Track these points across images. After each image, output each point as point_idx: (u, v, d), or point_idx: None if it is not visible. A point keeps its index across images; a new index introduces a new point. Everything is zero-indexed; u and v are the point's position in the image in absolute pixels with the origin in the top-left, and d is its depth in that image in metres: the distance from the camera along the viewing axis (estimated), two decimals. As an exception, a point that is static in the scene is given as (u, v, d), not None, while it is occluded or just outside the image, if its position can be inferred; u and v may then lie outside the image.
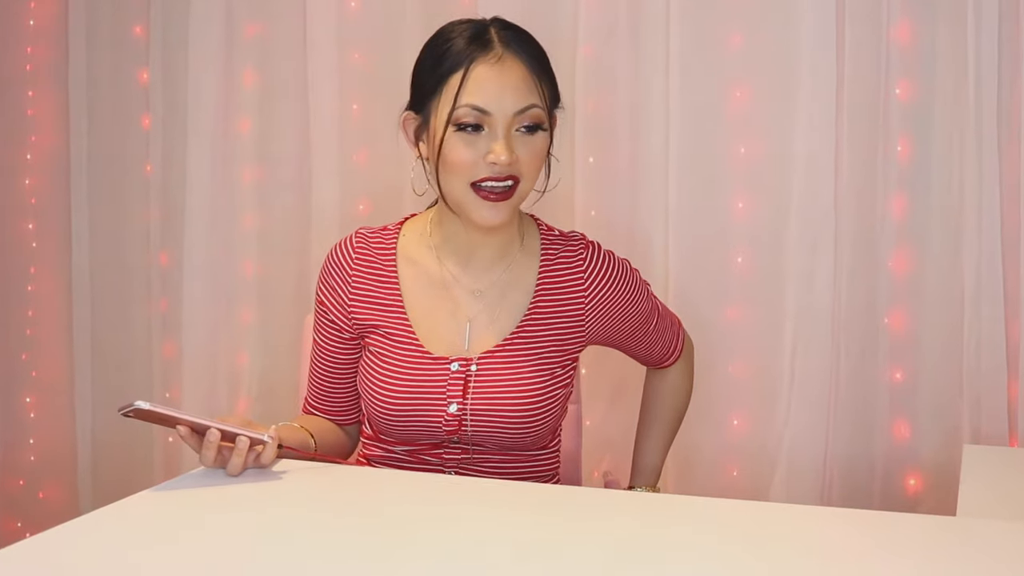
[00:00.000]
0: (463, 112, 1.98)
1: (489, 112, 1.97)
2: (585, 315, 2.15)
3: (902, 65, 2.68)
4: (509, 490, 1.89)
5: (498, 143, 1.97)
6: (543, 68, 2.04)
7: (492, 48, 2.00)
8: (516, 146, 1.99)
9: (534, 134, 2.01)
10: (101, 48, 3.37)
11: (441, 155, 2.01)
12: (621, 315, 2.18)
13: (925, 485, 2.75)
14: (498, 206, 2.00)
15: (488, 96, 1.98)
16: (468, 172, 1.99)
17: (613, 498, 1.93)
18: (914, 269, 2.72)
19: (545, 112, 2.02)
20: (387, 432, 2.13)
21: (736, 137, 2.81)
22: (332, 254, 2.20)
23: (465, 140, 1.99)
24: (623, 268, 2.19)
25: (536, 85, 2.01)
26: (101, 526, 1.65)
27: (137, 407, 1.78)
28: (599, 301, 2.15)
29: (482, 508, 1.76)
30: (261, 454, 1.88)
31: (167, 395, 3.36)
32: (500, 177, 1.98)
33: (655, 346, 2.31)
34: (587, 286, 2.15)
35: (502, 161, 1.96)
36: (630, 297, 2.19)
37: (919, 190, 2.70)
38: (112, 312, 3.45)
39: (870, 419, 2.77)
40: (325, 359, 2.22)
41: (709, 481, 2.87)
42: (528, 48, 2.03)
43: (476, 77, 1.98)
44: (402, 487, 1.91)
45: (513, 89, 1.99)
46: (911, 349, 2.74)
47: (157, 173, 3.32)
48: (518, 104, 1.99)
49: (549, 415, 2.10)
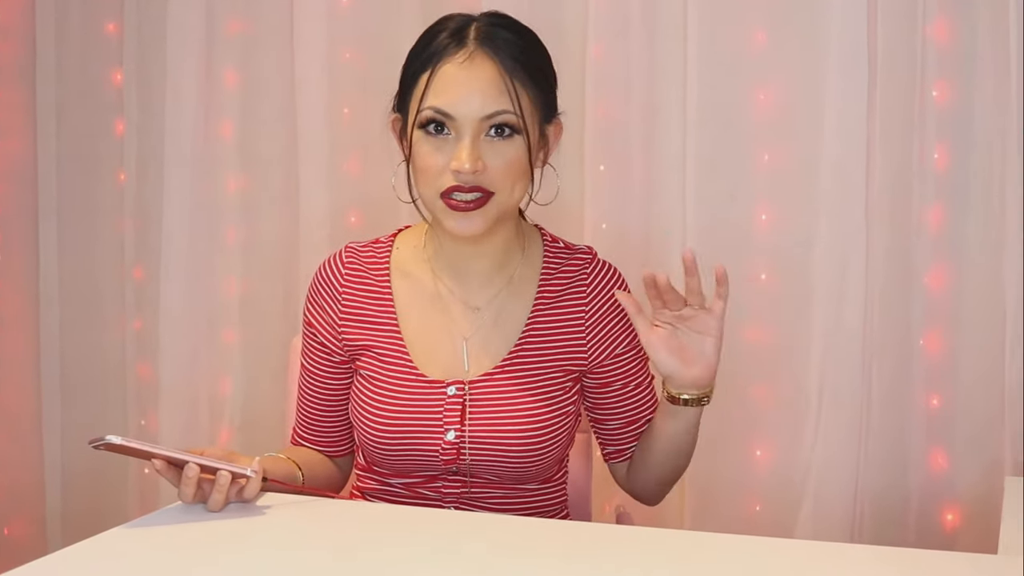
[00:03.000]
0: (427, 114, 1.98)
1: (453, 116, 1.97)
2: (586, 331, 2.14)
3: (939, 65, 2.69)
4: (514, 526, 1.89)
5: (462, 149, 1.96)
6: (523, 69, 2.01)
7: (464, 45, 2.00)
8: (485, 152, 1.97)
9: (508, 139, 1.99)
10: (71, 46, 3.38)
11: (412, 159, 2.03)
12: (620, 339, 2.16)
13: (964, 520, 2.75)
14: (469, 216, 1.99)
15: (451, 98, 1.97)
16: (435, 180, 1.99)
17: (626, 535, 1.93)
18: (952, 286, 2.73)
19: (519, 118, 1.99)
20: (381, 463, 2.14)
21: (759, 143, 2.82)
22: (320, 271, 2.21)
23: (431, 144, 1.99)
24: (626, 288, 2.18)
25: (509, 88, 1.98)
26: (71, 565, 1.65)
27: (109, 441, 1.78)
28: (600, 317, 2.15)
29: (484, 546, 1.76)
30: (244, 488, 1.88)
31: (142, 423, 3.36)
32: (465, 188, 1.97)
33: (642, 414, 2.21)
34: (589, 300, 2.15)
35: (465, 168, 1.94)
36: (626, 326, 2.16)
37: (957, 200, 2.71)
38: (82, 333, 3.45)
39: (904, 449, 2.77)
40: (314, 385, 2.22)
41: (730, 516, 2.88)
42: (507, 47, 2.00)
43: (441, 77, 1.98)
44: (398, 523, 1.91)
45: (480, 92, 1.97)
46: (949, 373, 2.74)
47: (132, 181, 3.33)
48: (485, 109, 1.97)
49: (554, 443, 2.10)
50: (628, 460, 2.24)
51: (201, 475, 1.85)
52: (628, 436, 2.22)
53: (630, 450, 2.23)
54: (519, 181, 2.02)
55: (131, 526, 1.80)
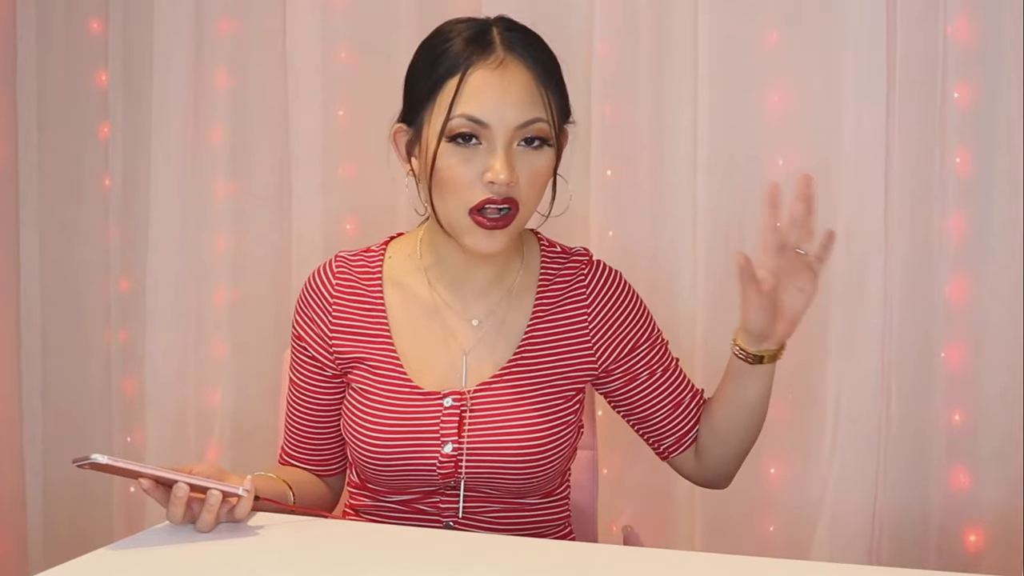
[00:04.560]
0: (458, 123, 1.97)
1: (487, 124, 1.96)
2: (591, 335, 2.15)
3: (961, 66, 2.69)
4: (516, 546, 1.89)
5: (496, 159, 1.96)
6: (551, 77, 2.03)
7: (493, 51, 2.00)
8: (516, 163, 1.98)
9: (538, 149, 2.00)
10: (53, 44, 3.40)
11: (434, 172, 2.00)
12: (630, 336, 2.17)
13: (987, 541, 2.75)
14: (495, 235, 1.99)
15: (486, 106, 1.97)
16: (465, 194, 1.98)
17: (635, 557, 1.93)
18: (974, 297, 2.73)
19: (551, 127, 2.00)
20: (375, 479, 2.13)
21: (773, 147, 2.82)
22: (310, 282, 2.21)
23: (460, 155, 1.98)
24: (628, 287, 2.19)
25: (542, 96, 2.00)
26: (55, 589, 1.65)
27: (94, 460, 1.78)
28: (603, 317, 2.15)
29: (485, 567, 1.77)
30: (235, 508, 1.88)
31: (128, 439, 3.36)
32: (498, 200, 1.97)
33: (684, 400, 2.21)
34: (590, 301, 2.15)
35: (501, 180, 1.94)
36: (637, 315, 2.18)
37: (980, 208, 2.71)
38: (65, 345, 3.46)
39: (925, 466, 2.77)
40: (304, 401, 2.22)
41: (742, 537, 2.88)
42: (535, 53, 2.02)
43: (474, 83, 1.97)
44: (394, 542, 1.91)
45: (515, 99, 1.97)
46: (971, 387, 2.75)
47: (117, 187, 3.33)
48: (520, 117, 1.97)
49: (556, 454, 2.10)
50: (690, 448, 2.23)
51: (190, 494, 1.85)
52: (680, 422, 2.22)
53: (689, 438, 2.22)
54: (540, 193, 2.04)
55: (117, 547, 1.80)
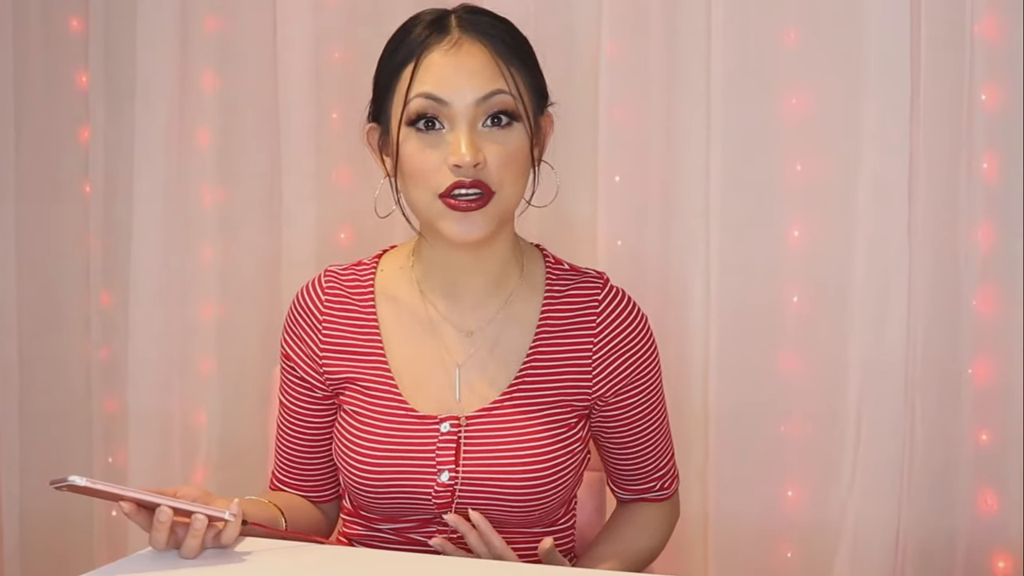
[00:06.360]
0: (416, 104, 1.97)
1: (445, 101, 1.96)
2: (592, 364, 2.12)
3: (989, 67, 2.69)
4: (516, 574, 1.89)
5: (457, 140, 1.95)
6: (514, 52, 2.02)
7: (449, 33, 2.00)
8: (483, 144, 1.96)
9: (506, 128, 1.99)
10: (31, 44, 3.40)
11: (399, 163, 2.01)
12: (630, 377, 2.15)
13: (1016, 567, 2.74)
14: (470, 217, 1.97)
15: (442, 81, 1.97)
16: (431, 180, 1.97)
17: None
18: (1003, 310, 2.72)
19: (517, 100, 1.99)
20: (368, 507, 2.13)
21: (791, 152, 2.82)
22: (298, 299, 2.20)
23: (424, 140, 1.98)
24: (645, 322, 2.17)
25: (502, 69, 1.99)
26: (31, 619, 1.65)
27: (72, 482, 1.77)
28: (610, 350, 2.12)
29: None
30: (222, 533, 1.87)
31: (109, 460, 3.36)
32: (467, 183, 1.95)
33: (649, 459, 2.24)
34: (598, 328, 2.13)
35: (466, 161, 1.93)
36: (645, 358, 2.16)
37: (1009, 216, 2.71)
38: (44, 361, 3.46)
39: (951, 488, 2.77)
40: (295, 424, 2.21)
41: (758, 563, 2.87)
42: (494, 32, 2.02)
43: (428, 63, 1.98)
44: (387, 570, 1.91)
45: (471, 74, 1.97)
46: (999, 405, 2.74)
47: (98, 195, 3.34)
48: (479, 90, 1.97)
49: (559, 485, 2.08)
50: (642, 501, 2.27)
51: (175, 519, 1.84)
52: (633, 480, 2.25)
53: (643, 495, 2.26)
54: (520, 177, 2.02)
55: (98, 574, 1.79)
